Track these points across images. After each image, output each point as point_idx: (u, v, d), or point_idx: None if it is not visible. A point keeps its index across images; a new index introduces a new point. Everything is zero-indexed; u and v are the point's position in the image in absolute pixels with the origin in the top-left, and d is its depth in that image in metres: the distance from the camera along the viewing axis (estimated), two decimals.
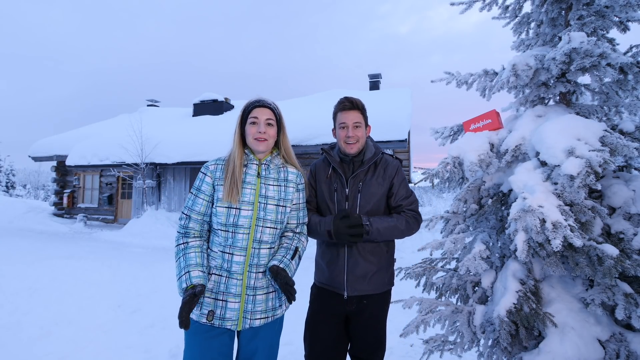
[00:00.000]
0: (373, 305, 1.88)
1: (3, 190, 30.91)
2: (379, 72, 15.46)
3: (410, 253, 7.83)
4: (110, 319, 3.72)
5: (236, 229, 1.55)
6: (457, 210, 2.23)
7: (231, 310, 1.53)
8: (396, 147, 9.72)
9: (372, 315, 1.89)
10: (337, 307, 1.88)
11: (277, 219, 1.61)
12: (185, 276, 1.50)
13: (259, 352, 1.61)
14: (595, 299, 1.61)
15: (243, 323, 1.55)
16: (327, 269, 1.90)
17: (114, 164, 12.22)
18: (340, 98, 1.91)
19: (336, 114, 1.92)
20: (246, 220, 1.56)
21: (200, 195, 1.61)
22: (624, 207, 1.78)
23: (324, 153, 2.01)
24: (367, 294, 1.85)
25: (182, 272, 1.51)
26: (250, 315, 1.56)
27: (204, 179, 1.62)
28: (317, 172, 1.99)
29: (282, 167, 1.71)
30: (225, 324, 1.53)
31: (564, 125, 1.75)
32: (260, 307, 1.58)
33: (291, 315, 2.22)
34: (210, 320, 1.52)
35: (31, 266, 5.64)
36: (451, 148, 2.09)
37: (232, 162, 1.60)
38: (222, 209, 1.56)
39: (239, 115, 1.68)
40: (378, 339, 1.92)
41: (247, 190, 1.59)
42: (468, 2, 2.38)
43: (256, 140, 1.62)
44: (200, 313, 1.54)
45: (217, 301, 1.54)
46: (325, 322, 1.91)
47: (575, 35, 1.80)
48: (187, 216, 1.62)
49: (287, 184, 1.68)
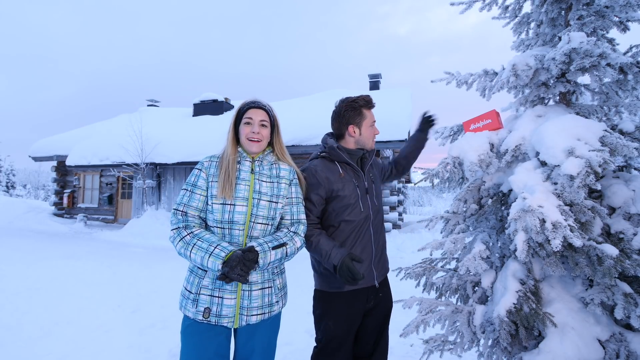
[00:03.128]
0: (386, 294, 1.97)
1: (3, 190, 30.91)
2: (379, 72, 15.44)
3: (410, 253, 7.83)
4: (110, 319, 3.72)
5: (232, 225, 1.55)
6: (457, 210, 2.23)
7: (227, 307, 1.52)
8: (396, 147, 9.72)
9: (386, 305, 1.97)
10: (360, 306, 1.83)
11: (269, 215, 1.62)
12: (217, 249, 1.46)
13: (256, 351, 1.61)
14: (594, 298, 1.62)
15: (239, 320, 1.54)
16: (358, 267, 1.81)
17: (114, 164, 12.23)
18: (363, 95, 1.94)
19: (361, 109, 1.92)
20: (241, 216, 1.56)
21: (196, 191, 1.60)
22: (623, 207, 1.78)
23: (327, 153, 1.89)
24: (385, 275, 1.97)
25: (211, 248, 1.46)
26: (247, 311, 1.55)
27: (200, 174, 1.62)
28: (327, 175, 1.83)
29: (274, 164, 1.73)
30: (222, 321, 1.52)
31: (563, 125, 1.75)
32: (257, 302, 1.57)
33: (291, 315, 2.22)
34: (207, 318, 1.51)
35: (31, 266, 5.64)
36: (451, 148, 2.09)
37: (225, 159, 1.62)
38: (217, 205, 1.56)
39: (234, 115, 1.70)
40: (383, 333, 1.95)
41: (241, 186, 1.59)
42: (468, 2, 2.38)
43: (249, 140, 1.64)
44: (196, 310, 1.52)
45: (213, 298, 1.53)
46: (348, 335, 1.84)
47: (575, 36, 1.80)
48: (183, 212, 1.57)
49: (279, 180, 1.69)
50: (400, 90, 13.87)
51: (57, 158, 14.38)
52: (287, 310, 3.77)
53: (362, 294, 1.84)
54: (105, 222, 13.98)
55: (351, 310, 1.82)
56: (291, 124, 10.62)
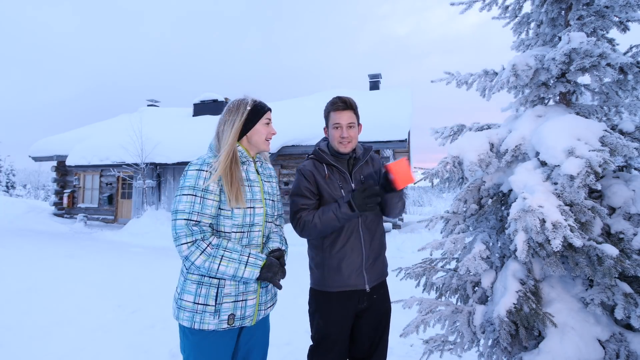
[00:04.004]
0: (381, 297, 1.92)
1: (3, 190, 30.91)
2: (379, 72, 15.44)
3: (410, 253, 7.83)
4: (110, 319, 3.71)
5: (252, 228, 1.55)
6: (457, 210, 2.23)
7: (250, 307, 1.54)
8: (396, 147, 9.72)
9: (382, 308, 1.91)
10: (352, 308, 1.83)
11: (274, 213, 1.70)
12: (251, 258, 1.47)
13: (255, 350, 1.63)
14: (595, 298, 1.62)
15: (257, 316, 1.58)
16: (345, 269, 1.81)
17: (114, 164, 12.23)
18: (333, 97, 1.88)
19: (329, 113, 1.89)
20: (260, 217, 1.58)
21: (208, 197, 1.45)
22: (623, 207, 1.78)
23: (314, 155, 1.94)
24: (380, 280, 1.91)
25: (244, 257, 1.45)
26: (263, 306, 1.60)
27: (209, 177, 1.46)
28: (314, 174, 1.89)
29: (264, 164, 1.77)
30: (245, 322, 1.53)
31: (564, 125, 1.75)
32: (269, 296, 1.64)
33: (291, 315, 2.22)
34: (232, 324, 1.49)
35: (31, 266, 5.64)
36: (451, 147, 2.09)
37: (232, 162, 1.51)
38: (238, 210, 1.50)
39: (246, 113, 1.58)
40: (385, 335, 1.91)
41: (255, 188, 1.60)
42: (468, 2, 2.38)
43: (267, 140, 1.66)
44: (220, 320, 1.46)
45: (237, 302, 1.50)
46: (340, 335, 1.83)
47: (575, 36, 1.81)
48: (196, 222, 1.43)
49: (273, 179, 1.75)
50: (400, 90, 13.87)
51: (57, 158, 14.38)
52: (287, 310, 3.77)
53: (352, 295, 1.83)
54: (105, 222, 13.98)
55: (341, 311, 1.83)
56: (291, 124, 10.62)
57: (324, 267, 1.84)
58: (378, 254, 1.91)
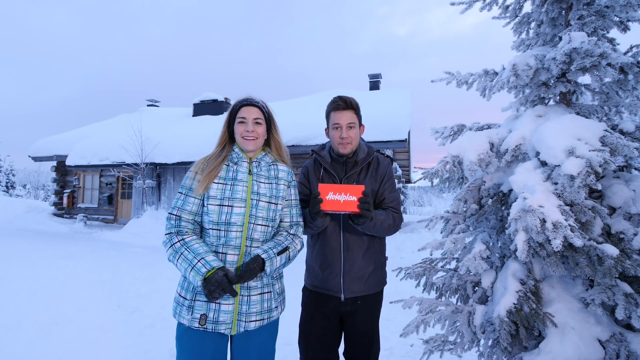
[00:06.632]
0: (367, 305, 1.88)
1: (3, 190, 30.90)
2: (379, 72, 15.45)
3: (410, 253, 7.83)
4: (110, 319, 3.71)
5: (229, 227, 1.52)
6: (457, 210, 2.22)
7: (225, 312, 1.47)
8: (396, 147, 9.71)
9: (366, 315, 1.88)
10: (332, 309, 1.86)
11: (269, 216, 1.59)
12: (200, 263, 1.41)
13: (254, 357, 1.56)
14: (595, 299, 1.61)
15: (237, 326, 1.49)
16: (321, 272, 1.85)
17: (114, 164, 12.22)
18: (334, 97, 1.86)
19: (329, 113, 1.87)
20: (239, 217, 1.52)
21: (190, 194, 1.56)
22: (624, 207, 1.78)
23: (314, 154, 1.98)
24: (363, 294, 1.84)
25: (195, 260, 1.43)
26: (245, 317, 1.50)
27: (195, 177, 1.58)
28: (309, 174, 1.94)
29: (272, 165, 1.70)
30: (219, 327, 1.47)
31: (564, 125, 1.75)
32: (255, 308, 1.52)
33: (291, 316, 2.21)
34: (203, 325, 1.46)
35: (31, 266, 5.64)
36: (451, 147, 2.09)
37: (211, 159, 1.62)
38: (213, 206, 1.52)
39: (227, 114, 1.68)
40: (371, 338, 1.91)
41: (238, 187, 1.56)
42: (468, 1, 2.38)
43: (244, 139, 1.61)
44: (192, 317, 1.47)
45: (210, 304, 1.47)
46: (320, 325, 1.88)
47: (576, 35, 1.80)
48: (177, 216, 1.55)
49: (277, 181, 1.66)
50: (400, 90, 13.87)
51: (57, 158, 14.38)
52: (288, 310, 3.76)
53: (331, 297, 1.84)
54: (105, 222, 13.98)
55: (321, 309, 1.87)
56: (291, 124, 10.62)
57: (308, 265, 1.97)
58: (363, 262, 1.83)
